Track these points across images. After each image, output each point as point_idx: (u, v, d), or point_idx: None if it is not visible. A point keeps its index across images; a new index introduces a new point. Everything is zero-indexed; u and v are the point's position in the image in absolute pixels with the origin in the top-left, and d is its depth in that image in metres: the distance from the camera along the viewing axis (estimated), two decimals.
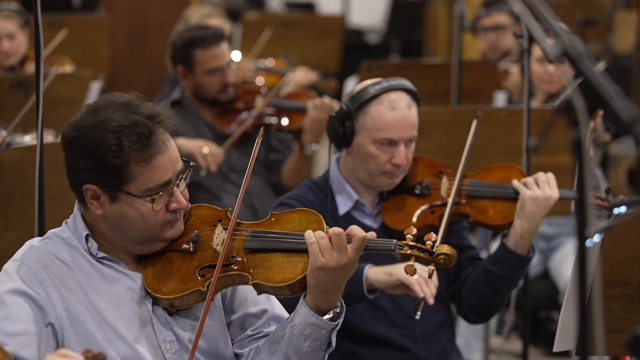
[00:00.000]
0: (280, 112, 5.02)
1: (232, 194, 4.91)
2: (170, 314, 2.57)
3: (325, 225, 2.57)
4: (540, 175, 3.35)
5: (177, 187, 2.54)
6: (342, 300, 2.55)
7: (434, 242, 2.62)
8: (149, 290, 2.53)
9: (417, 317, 3.15)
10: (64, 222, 2.62)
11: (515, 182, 3.37)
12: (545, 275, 5.30)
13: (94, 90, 5.29)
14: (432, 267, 2.63)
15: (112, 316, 2.50)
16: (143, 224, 2.52)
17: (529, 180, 3.35)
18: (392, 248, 2.59)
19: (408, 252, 2.58)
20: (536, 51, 5.22)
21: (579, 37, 5.50)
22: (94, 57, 7.02)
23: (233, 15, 8.23)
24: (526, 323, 4.24)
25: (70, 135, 2.52)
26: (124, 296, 2.54)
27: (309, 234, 2.51)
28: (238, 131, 4.88)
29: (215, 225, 2.60)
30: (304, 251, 2.51)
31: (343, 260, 2.47)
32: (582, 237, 1.79)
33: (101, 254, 2.56)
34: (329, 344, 2.56)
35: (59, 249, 2.55)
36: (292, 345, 2.54)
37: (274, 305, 2.71)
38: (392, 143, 3.36)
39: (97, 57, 7.10)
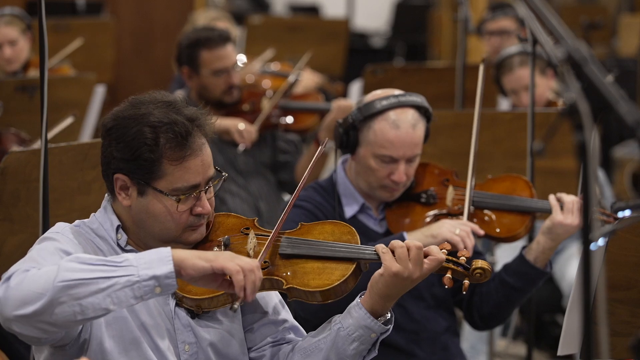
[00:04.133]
0: (287, 112, 5.04)
1: (237, 196, 4.91)
2: (193, 316, 2.58)
3: (358, 237, 2.62)
4: (576, 202, 3.32)
5: (205, 192, 2.56)
6: (391, 309, 2.60)
7: (468, 258, 2.65)
8: (177, 290, 2.53)
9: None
10: (92, 215, 2.63)
11: (552, 201, 3.34)
12: (550, 279, 5.29)
13: (99, 94, 5.30)
14: (467, 282, 2.65)
15: (136, 306, 2.51)
16: (165, 223, 2.53)
17: (567, 205, 3.32)
18: None
19: (444, 266, 2.62)
20: (508, 84, 5.24)
21: (584, 41, 5.50)
22: (99, 61, 7.04)
23: (238, 18, 8.23)
24: (530, 327, 4.24)
25: (110, 123, 2.55)
26: None
27: (379, 246, 2.56)
28: (263, 115, 4.90)
29: (245, 233, 2.63)
30: (340, 259, 2.56)
31: (416, 273, 2.54)
32: (586, 240, 1.79)
33: (129, 247, 2.58)
34: (370, 350, 2.61)
35: (90, 236, 2.58)
36: (336, 348, 2.58)
37: (291, 317, 2.75)
38: (392, 160, 3.34)
39: (102, 60, 7.12)
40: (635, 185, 7.11)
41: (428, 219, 3.43)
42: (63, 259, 2.30)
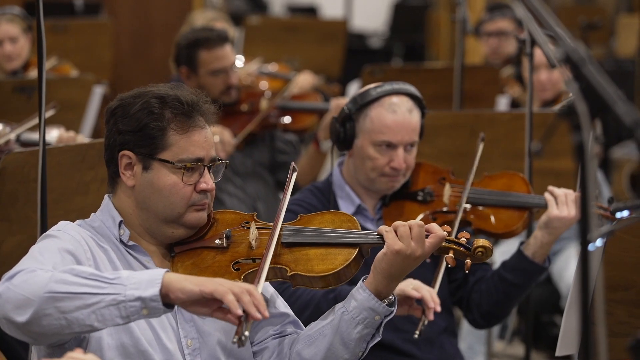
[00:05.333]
0: (285, 112, 5.04)
1: (235, 197, 4.91)
2: None
3: (358, 224, 2.65)
4: (570, 194, 3.33)
5: (209, 170, 2.59)
6: (393, 293, 2.62)
7: (468, 239, 2.67)
8: None
9: (416, 336, 3.10)
10: (92, 214, 2.65)
11: (547, 196, 3.34)
12: (548, 279, 5.30)
13: (97, 94, 5.30)
14: (469, 261, 2.66)
15: None
16: (170, 197, 2.55)
17: (561, 197, 3.33)
18: None
19: (446, 246, 2.64)
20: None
21: (582, 41, 5.49)
22: (97, 61, 7.03)
23: (235, 19, 8.23)
24: (528, 327, 4.24)
25: (115, 104, 2.60)
26: None
27: (382, 227, 2.59)
28: (251, 125, 4.89)
29: (245, 226, 2.65)
30: (342, 245, 2.59)
31: (418, 251, 2.55)
32: (584, 241, 1.79)
33: (131, 242, 2.59)
34: (374, 335, 2.62)
35: (92, 234, 2.58)
36: (340, 333, 2.59)
37: (291, 312, 2.76)
38: (390, 146, 3.35)
39: (100, 61, 7.11)
40: (633, 186, 7.12)
41: (426, 215, 3.43)
42: (57, 270, 2.29)
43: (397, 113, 3.34)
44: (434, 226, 2.59)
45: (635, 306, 2.68)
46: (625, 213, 3.22)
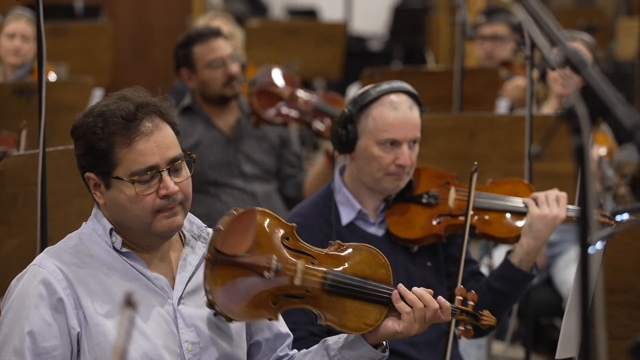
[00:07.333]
0: (318, 114, 5.01)
1: (239, 200, 4.90)
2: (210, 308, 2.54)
3: (391, 270, 2.72)
4: (551, 194, 3.34)
5: (170, 174, 2.53)
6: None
7: (476, 303, 2.83)
8: (222, 311, 2.48)
9: None
10: (83, 224, 2.63)
11: (526, 199, 3.35)
12: (548, 282, 5.29)
13: (97, 97, 5.31)
14: (471, 329, 2.84)
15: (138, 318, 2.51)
16: (133, 210, 2.52)
17: (540, 197, 3.32)
18: None
19: (459, 318, 2.82)
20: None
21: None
22: (96, 64, 7.04)
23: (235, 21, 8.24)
24: (528, 330, 4.24)
25: (74, 125, 2.59)
26: (144, 294, 2.55)
27: (402, 306, 2.66)
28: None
29: (296, 258, 2.61)
30: (377, 302, 2.67)
31: (422, 330, 2.69)
32: (584, 244, 1.79)
33: (124, 249, 2.58)
34: None
35: (78, 245, 2.57)
36: None
37: (290, 332, 2.79)
38: (395, 143, 3.34)
39: (99, 63, 7.12)
40: (633, 189, 7.11)
41: (430, 218, 3.42)
42: None
43: (398, 110, 3.33)
44: (440, 312, 2.70)
45: (635, 309, 2.68)
46: (625, 216, 3.22)
